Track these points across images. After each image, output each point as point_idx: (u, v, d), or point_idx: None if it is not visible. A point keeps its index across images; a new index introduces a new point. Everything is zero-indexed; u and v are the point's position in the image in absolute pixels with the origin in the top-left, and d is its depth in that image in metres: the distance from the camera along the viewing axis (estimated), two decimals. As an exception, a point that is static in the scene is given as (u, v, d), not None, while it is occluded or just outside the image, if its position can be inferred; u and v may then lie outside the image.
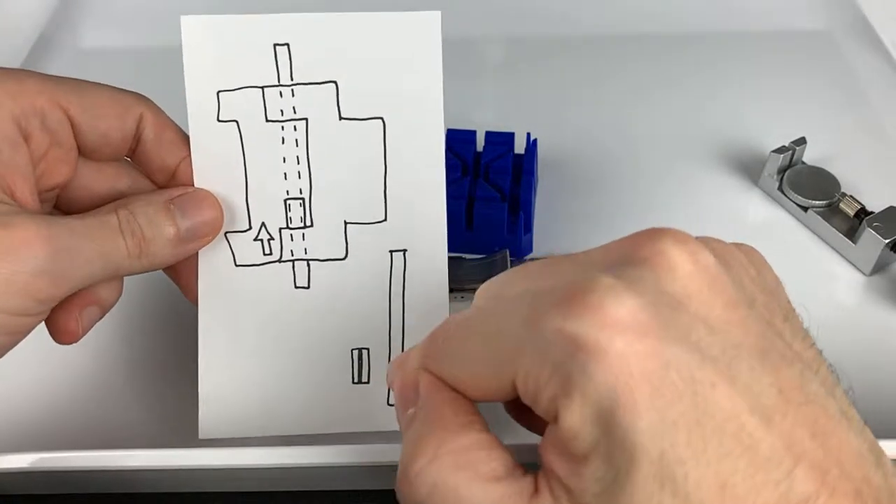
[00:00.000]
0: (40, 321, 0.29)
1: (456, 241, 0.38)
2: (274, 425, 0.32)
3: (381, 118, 0.31)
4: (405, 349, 0.32)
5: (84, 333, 0.30)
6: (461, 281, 0.38)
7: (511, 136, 0.45)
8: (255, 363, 0.32)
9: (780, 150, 0.45)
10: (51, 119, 0.29)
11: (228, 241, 0.32)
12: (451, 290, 0.33)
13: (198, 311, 0.32)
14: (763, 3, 0.61)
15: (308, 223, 0.32)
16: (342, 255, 0.32)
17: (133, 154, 0.31)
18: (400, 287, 0.32)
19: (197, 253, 0.32)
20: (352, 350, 0.32)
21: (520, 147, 0.45)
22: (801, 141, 0.45)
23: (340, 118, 0.31)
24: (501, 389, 0.21)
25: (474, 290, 0.24)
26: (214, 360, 0.32)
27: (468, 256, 0.41)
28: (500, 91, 0.54)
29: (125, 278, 0.31)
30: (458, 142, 0.45)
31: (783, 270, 0.33)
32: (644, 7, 0.60)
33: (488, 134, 0.45)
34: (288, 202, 0.32)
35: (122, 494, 0.34)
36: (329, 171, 0.32)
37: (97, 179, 0.31)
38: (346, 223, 0.32)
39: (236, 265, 0.32)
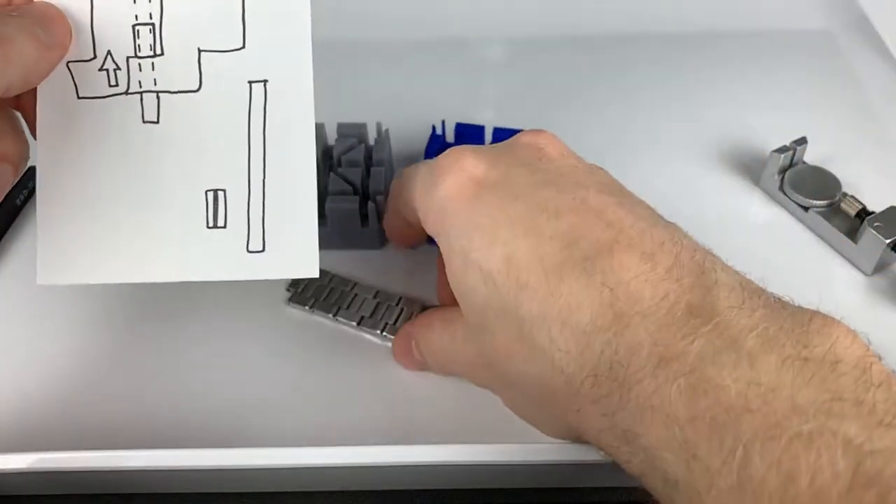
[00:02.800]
0: None
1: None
2: (120, 272, 0.30)
3: None
4: (267, 191, 0.30)
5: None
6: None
7: (517, 132, 0.45)
8: (100, 204, 0.30)
9: (780, 150, 0.45)
10: None
11: (71, 71, 0.29)
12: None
13: (37, 157, 0.30)
14: (763, 2, 0.60)
15: (158, 51, 0.29)
16: (195, 87, 0.30)
17: None
18: (260, 122, 0.30)
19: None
20: (206, 191, 0.30)
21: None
22: (802, 141, 0.45)
23: None
24: (413, 214, 0.33)
25: None
26: (55, 200, 0.30)
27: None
28: (500, 91, 0.54)
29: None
30: (467, 137, 0.45)
31: (784, 270, 0.33)
32: (644, 7, 0.60)
33: (496, 130, 0.46)
34: (136, 28, 0.29)
35: (122, 495, 0.34)
36: None
37: None
38: (199, 51, 0.30)
39: (79, 97, 0.30)
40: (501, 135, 0.46)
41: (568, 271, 0.26)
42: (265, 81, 0.30)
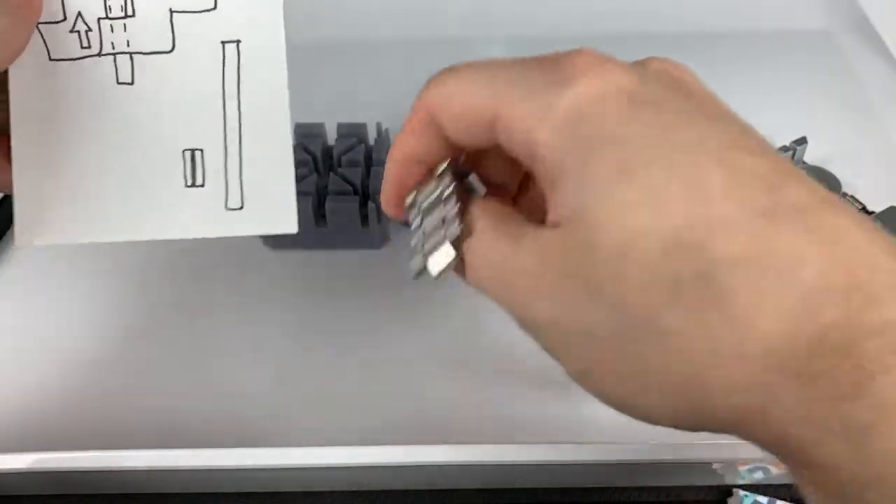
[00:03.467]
0: None
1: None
2: (98, 231, 0.30)
3: None
4: (243, 149, 0.31)
5: None
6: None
7: None
8: (76, 166, 0.30)
9: (781, 150, 0.45)
10: None
11: (41, 34, 0.29)
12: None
13: (11, 120, 0.30)
14: (763, 2, 0.60)
15: (129, 12, 0.30)
16: (168, 48, 0.30)
17: None
18: (234, 82, 0.30)
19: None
20: (183, 151, 0.30)
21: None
22: (802, 141, 0.45)
23: None
24: (480, 124, 0.25)
25: None
26: (31, 163, 0.30)
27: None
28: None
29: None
30: None
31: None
32: (644, 7, 0.60)
33: None
34: None
35: (122, 495, 0.34)
36: None
37: None
38: (171, 11, 0.30)
39: (51, 59, 0.30)
40: None
41: (782, 217, 0.21)
42: (237, 42, 0.30)
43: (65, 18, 0.30)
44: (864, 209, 0.43)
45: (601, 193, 0.22)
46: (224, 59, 0.30)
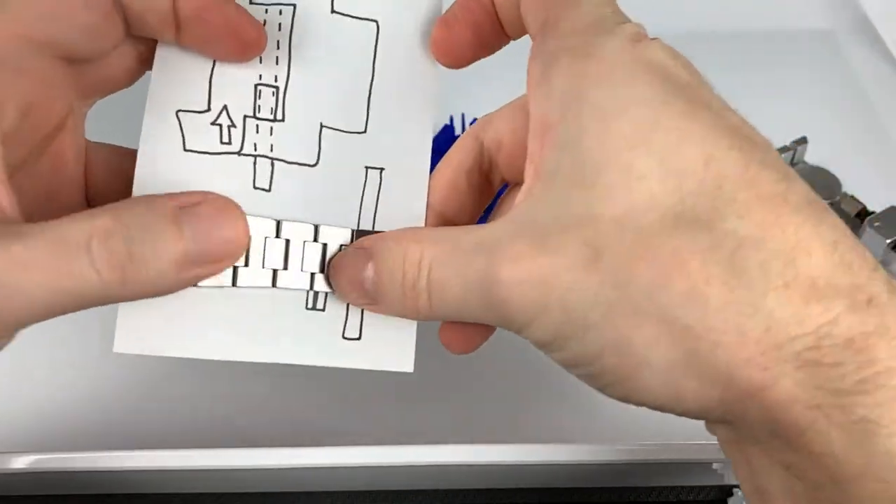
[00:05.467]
0: None
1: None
2: (205, 346, 0.28)
3: (376, 21, 0.28)
4: None
5: None
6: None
7: None
8: None
9: (781, 150, 0.45)
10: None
11: (179, 120, 0.27)
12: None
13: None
14: (763, 2, 0.60)
15: (279, 116, 0.28)
16: (312, 161, 0.28)
17: None
18: (372, 209, 0.28)
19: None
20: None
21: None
22: (803, 141, 0.45)
23: (332, 11, 0.28)
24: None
25: None
26: None
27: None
28: (512, 87, 0.54)
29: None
30: None
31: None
32: (644, 7, 0.60)
33: None
34: (259, 87, 0.28)
35: (122, 495, 0.34)
36: (311, 64, 0.28)
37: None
38: (321, 125, 0.28)
39: (185, 149, 0.27)
40: None
41: (792, 207, 0.21)
42: (381, 169, 0.29)
43: (208, 109, 0.28)
44: (864, 209, 0.43)
45: (611, 157, 0.22)
46: (365, 185, 0.28)
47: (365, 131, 0.28)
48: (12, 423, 0.35)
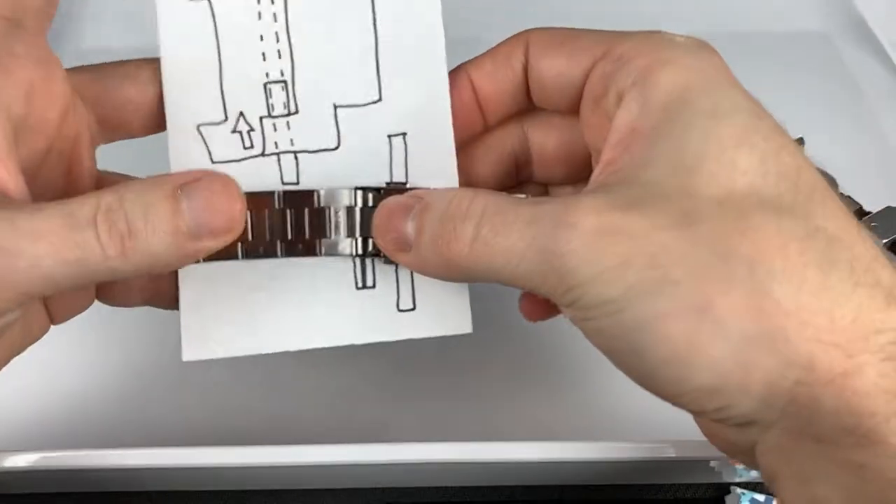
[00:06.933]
0: None
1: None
2: (267, 342, 0.28)
3: None
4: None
5: None
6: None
7: None
8: (242, 273, 0.28)
9: (777, 151, 0.45)
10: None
11: (202, 135, 0.28)
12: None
13: None
14: (761, 3, 0.61)
15: (293, 109, 0.28)
16: (333, 145, 0.28)
17: None
18: (403, 177, 0.28)
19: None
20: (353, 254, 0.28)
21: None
22: (800, 141, 0.45)
23: None
24: (578, 68, 0.30)
25: None
26: (196, 272, 0.28)
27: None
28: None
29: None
30: None
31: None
32: (644, 7, 0.60)
33: None
34: (268, 86, 0.28)
35: (122, 493, 0.34)
36: (313, 47, 0.28)
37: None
38: (335, 106, 0.28)
39: (213, 162, 0.28)
40: None
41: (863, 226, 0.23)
42: (404, 134, 0.28)
43: (226, 119, 0.28)
44: (860, 209, 0.43)
45: (715, 153, 0.23)
46: (391, 154, 0.28)
47: (380, 98, 0.28)
48: (12, 422, 0.35)
